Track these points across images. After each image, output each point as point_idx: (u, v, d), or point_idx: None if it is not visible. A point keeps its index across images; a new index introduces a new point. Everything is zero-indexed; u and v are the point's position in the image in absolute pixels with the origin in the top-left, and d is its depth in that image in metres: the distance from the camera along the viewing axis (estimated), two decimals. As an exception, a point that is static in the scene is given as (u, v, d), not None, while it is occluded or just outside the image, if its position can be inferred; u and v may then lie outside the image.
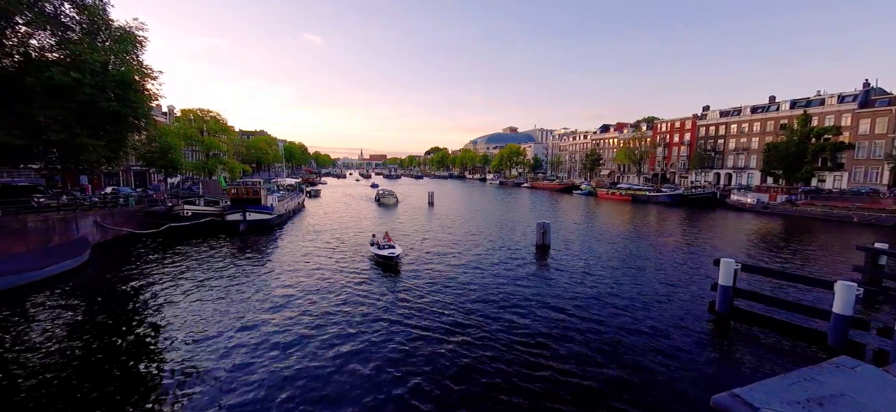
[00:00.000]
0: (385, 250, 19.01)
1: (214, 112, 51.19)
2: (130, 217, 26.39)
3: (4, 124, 18.08)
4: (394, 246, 19.87)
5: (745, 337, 11.95)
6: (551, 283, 16.82)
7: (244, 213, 28.56)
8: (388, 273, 17.70)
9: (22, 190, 23.77)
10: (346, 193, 68.35)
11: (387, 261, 18.59)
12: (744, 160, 69.15)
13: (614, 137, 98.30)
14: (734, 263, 12.73)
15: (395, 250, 19.02)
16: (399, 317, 12.77)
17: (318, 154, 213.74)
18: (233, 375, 9.29)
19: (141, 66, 24.19)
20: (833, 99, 57.37)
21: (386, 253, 18.63)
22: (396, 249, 19.26)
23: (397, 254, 18.69)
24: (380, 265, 18.81)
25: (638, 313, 13.56)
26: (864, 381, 2.67)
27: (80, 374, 9.27)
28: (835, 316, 10.53)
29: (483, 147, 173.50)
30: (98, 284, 16.08)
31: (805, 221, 39.55)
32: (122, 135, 25.53)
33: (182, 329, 11.84)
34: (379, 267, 18.60)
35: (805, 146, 51.17)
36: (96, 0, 21.89)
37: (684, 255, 22.79)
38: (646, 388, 9.08)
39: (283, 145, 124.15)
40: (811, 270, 20.02)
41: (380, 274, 17.63)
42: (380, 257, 18.90)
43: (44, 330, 11.68)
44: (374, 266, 18.82)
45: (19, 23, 19.31)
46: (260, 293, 15.15)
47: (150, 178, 50.18)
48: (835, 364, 2.90)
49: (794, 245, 27.15)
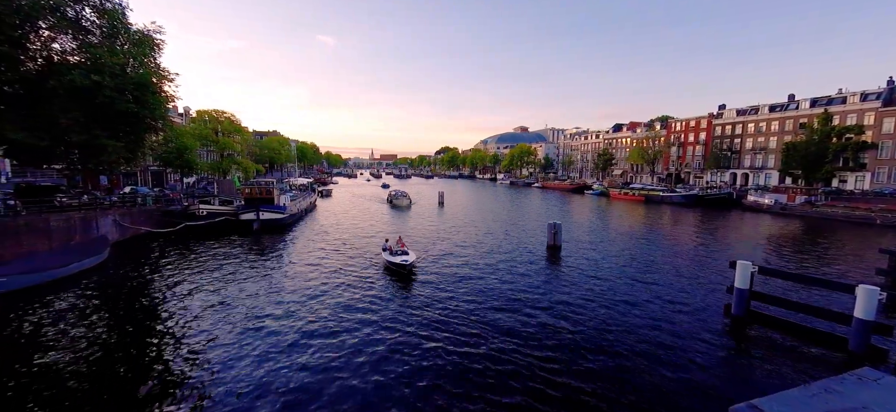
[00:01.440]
0: (398, 257, 17.77)
1: (229, 113, 51.98)
2: (148, 216, 26.99)
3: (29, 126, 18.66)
4: (407, 252, 18.73)
5: (761, 341, 11.70)
6: (561, 286, 16.69)
7: (257, 213, 28.98)
8: (401, 280, 17.00)
9: (45, 190, 24.51)
10: (356, 193, 68.56)
11: (400, 268, 17.39)
12: (761, 160, 67.66)
13: (627, 137, 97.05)
14: (751, 266, 12.48)
15: (409, 257, 17.76)
16: (408, 322, 12.79)
17: (329, 154, 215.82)
18: (245, 373, 9.44)
19: (158, 69, 24.74)
20: (855, 97, 55.71)
21: (398, 260, 17.39)
22: (410, 256, 18.03)
23: (411, 261, 17.41)
24: (393, 273, 17.85)
25: (651, 316, 13.38)
26: (889, 395, 2.59)
27: (100, 369, 9.53)
28: (856, 320, 10.26)
29: (493, 147, 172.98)
30: (117, 282, 16.49)
31: (825, 223, 38.51)
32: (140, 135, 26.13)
33: (197, 327, 12.07)
34: (391, 275, 17.72)
35: (826, 145, 49.85)
36: (116, 4, 22.45)
37: (699, 257, 22.40)
38: (660, 395, 8.95)
39: (296, 145, 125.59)
40: (831, 274, 19.50)
41: (391, 279, 17.10)
42: (392, 265, 17.71)
43: (66, 325, 12.02)
44: (387, 273, 17.90)
45: (43, 27, 19.90)
46: (273, 294, 15.35)
47: (166, 177, 51.24)
48: (857, 375, 2.82)
49: (813, 247, 26.47)
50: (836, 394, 2.46)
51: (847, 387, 2.55)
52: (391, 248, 19.18)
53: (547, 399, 8.67)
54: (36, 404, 8.23)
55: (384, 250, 19.37)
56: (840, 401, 2.41)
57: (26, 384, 8.93)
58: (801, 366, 10.27)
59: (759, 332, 12.16)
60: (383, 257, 18.79)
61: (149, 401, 8.44)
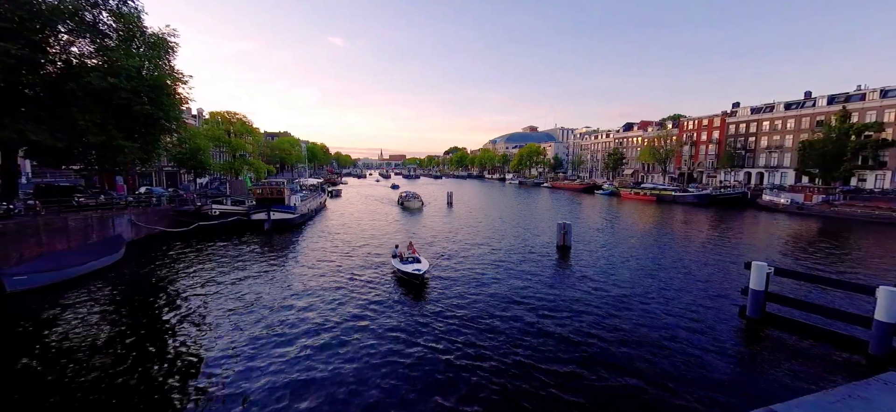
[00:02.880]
0: (409, 265, 16.51)
1: (241, 114, 52.57)
2: (162, 216, 27.46)
3: (48, 127, 19.09)
4: (419, 259, 17.54)
5: (777, 344, 11.45)
6: (571, 287, 16.54)
7: (269, 213, 29.29)
8: (411, 286, 15.93)
9: (64, 190, 25.11)
10: (366, 194, 68.48)
11: (412, 278, 16.03)
12: (776, 159, 66.31)
13: (638, 136, 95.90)
14: (766, 267, 12.23)
15: (422, 267, 16.42)
16: (417, 325, 12.77)
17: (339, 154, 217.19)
18: (253, 372, 9.55)
19: (173, 71, 25.10)
20: (875, 94, 54.22)
21: (411, 269, 15.99)
22: (422, 265, 16.81)
23: (423, 271, 16.05)
24: (403, 282, 16.51)
25: (664, 319, 13.19)
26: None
27: (117, 366, 9.71)
28: (877, 323, 10.01)
29: (502, 146, 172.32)
30: (133, 280, 16.81)
31: (844, 223, 37.56)
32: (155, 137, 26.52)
33: (209, 326, 12.26)
34: (402, 284, 16.35)
35: (844, 143, 48.65)
36: (132, 8, 22.84)
37: (712, 258, 22.03)
38: (673, 399, 8.81)
39: (306, 146, 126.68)
40: (850, 275, 19.01)
41: (401, 284, 16.24)
42: (403, 274, 16.35)
43: (83, 323, 12.29)
44: (397, 282, 16.59)
45: (62, 31, 20.35)
46: (283, 295, 15.51)
47: (180, 178, 52.07)
48: (882, 380, 2.71)
49: (831, 248, 25.84)
50: (861, 400, 2.36)
51: (872, 393, 2.45)
52: (401, 255, 17.99)
53: (552, 401, 8.60)
54: (57, 397, 8.43)
55: (394, 257, 18.04)
56: (864, 407, 2.31)
57: (47, 379, 9.14)
58: (819, 371, 10.04)
59: (775, 335, 11.91)
60: (393, 265, 17.48)
61: (160, 396, 8.58)
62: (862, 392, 2.46)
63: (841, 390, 2.48)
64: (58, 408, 8.20)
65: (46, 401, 8.35)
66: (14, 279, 14.61)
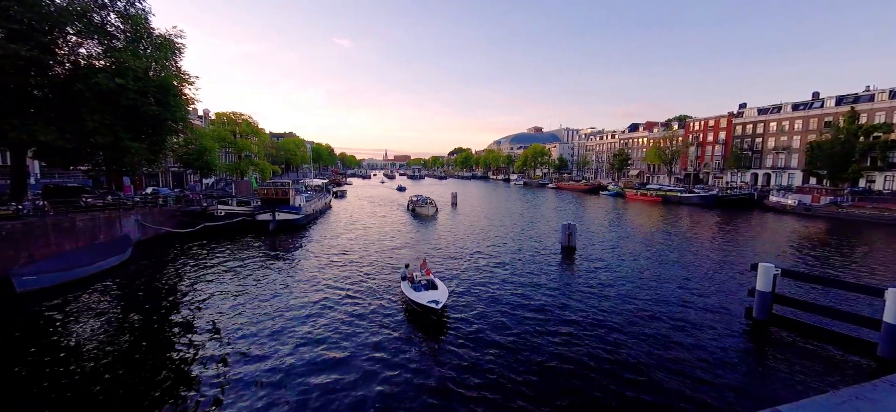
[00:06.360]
0: (423, 295, 13.00)
1: (246, 115, 52.90)
2: (169, 216, 27.68)
3: (57, 128, 19.31)
4: (435, 284, 14.09)
5: (785, 345, 11.34)
6: (576, 288, 16.49)
7: (274, 213, 29.43)
8: (425, 325, 12.35)
9: (72, 190, 25.38)
10: (371, 195, 67.57)
11: (426, 312, 12.36)
12: (784, 160, 65.70)
13: (644, 136, 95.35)
14: (773, 268, 12.13)
15: (438, 296, 12.73)
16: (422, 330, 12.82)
17: (344, 155, 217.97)
18: (259, 374, 9.61)
19: (179, 72, 25.34)
20: (884, 94, 53.54)
21: (425, 301, 12.33)
22: (439, 292, 13.28)
23: (442, 304, 12.22)
24: (416, 316, 12.96)
25: (670, 320, 13.11)
26: (925, 402, 2.46)
27: (124, 365, 9.82)
28: (886, 325, 9.90)
29: (507, 147, 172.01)
30: (140, 280, 16.96)
31: (852, 224, 37.14)
32: (162, 137, 26.77)
33: (214, 327, 12.36)
34: (415, 318, 12.84)
35: (852, 144, 48.10)
36: (139, 10, 23.07)
37: (719, 259, 21.86)
38: (680, 401, 8.75)
39: (311, 146, 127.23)
40: (859, 277, 18.78)
41: (413, 317, 12.94)
42: (415, 306, 12.84)
43: (92, 322, 12.43)
44: (408, 313, 13.22)
45: (70, 32, 20.59)
46: (286, 295, 15.61)
47: (186, 178, 52.47)
48: (891, 382, 2.67)
49: (839, 250, 25.55)
50: (868, 402, 2.34)
51: (880, 394, 2.43)
52: (413, 277, 14.59)
53: (557, 402, 8.57)
54: (67, 395, 8.53)
55: (404, 279, 14.58)
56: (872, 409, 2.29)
57: (56, 378, 9.25)
58: (827, 372, 9.93)
59: (782, 336, 11.79)
60: (402, 290, 14.00)
61: (167, 395, 8.65)
62: (869, 393, 2.44)
63: (848, 391, 2.46)
64: (67, 406, 8.29)
65: (56, 400, 8.44)
66: (23, 279, 14.79)
